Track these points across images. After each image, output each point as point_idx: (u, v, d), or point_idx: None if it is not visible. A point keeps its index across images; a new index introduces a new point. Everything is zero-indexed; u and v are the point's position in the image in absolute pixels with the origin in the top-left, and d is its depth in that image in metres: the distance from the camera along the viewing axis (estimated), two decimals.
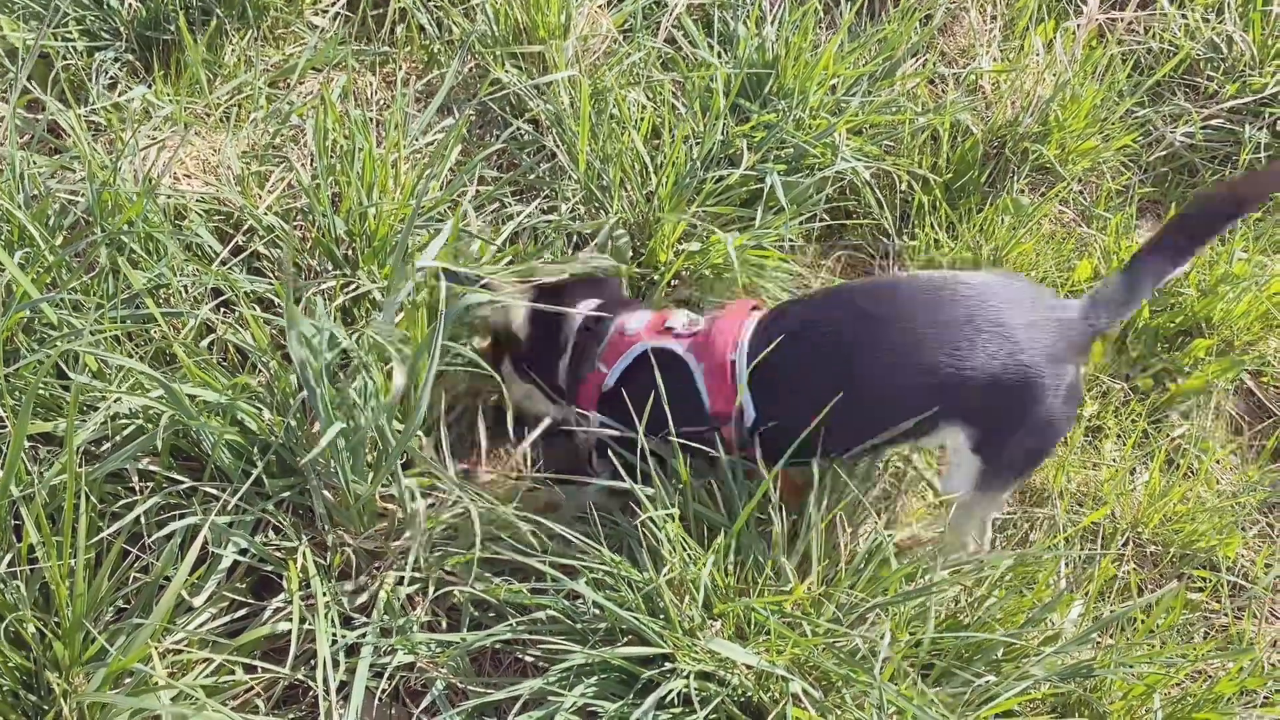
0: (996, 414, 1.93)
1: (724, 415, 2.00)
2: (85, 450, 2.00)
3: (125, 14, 2.79)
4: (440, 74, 2.83)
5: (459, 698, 1.92)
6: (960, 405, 1.91)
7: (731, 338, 2.01)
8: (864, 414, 1.95)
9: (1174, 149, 3.08)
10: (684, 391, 2.01)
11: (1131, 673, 2.00)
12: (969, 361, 1.87)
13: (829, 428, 1.91)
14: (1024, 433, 1.95)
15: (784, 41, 2.79)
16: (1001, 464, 2.00)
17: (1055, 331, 1.91)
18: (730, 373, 1.99)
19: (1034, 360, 1.88)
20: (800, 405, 1.93)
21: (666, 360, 2.05)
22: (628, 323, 2.14)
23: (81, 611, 1.73)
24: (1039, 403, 1.90)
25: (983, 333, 1.87)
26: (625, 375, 2.09)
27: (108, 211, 2.26)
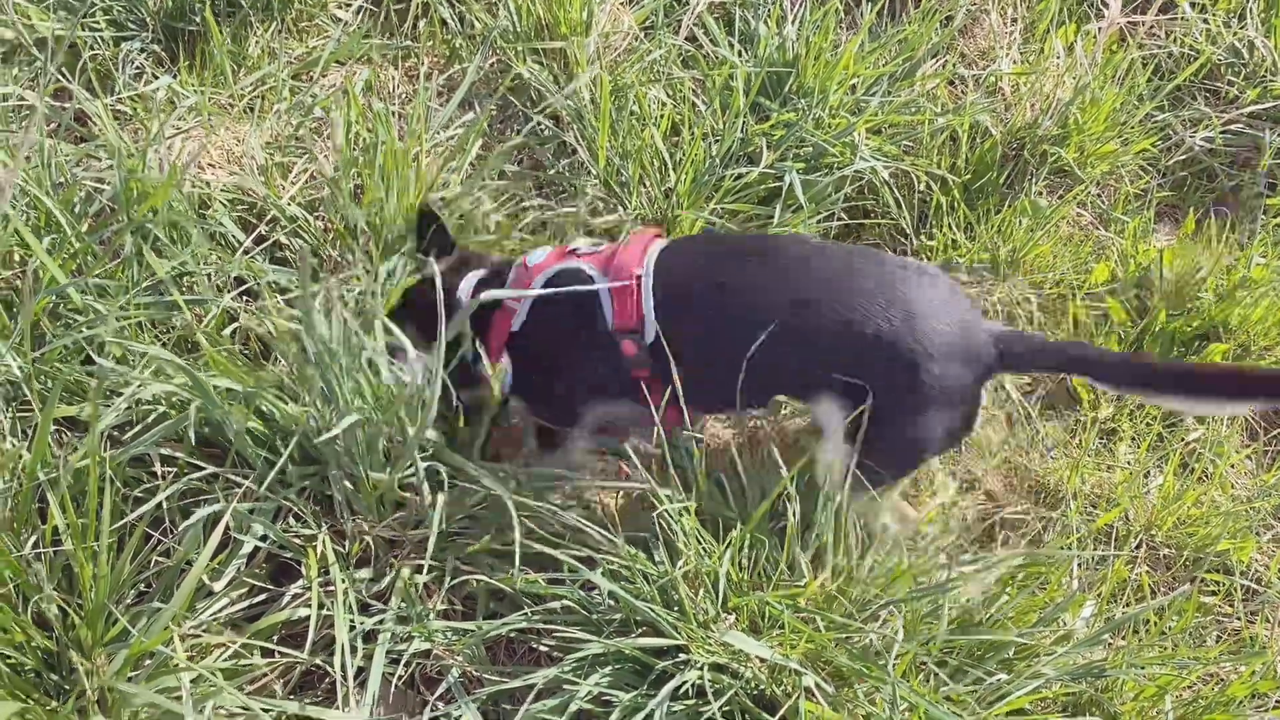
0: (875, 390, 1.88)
1: (623, 330, 2.00)
2: (109, 435, 2.02)
3: (152, 5, 2.82)
4: (462, 69, 2.84)
5: (474, 685, 1.94)
6: (844, 366, 1.89)
7: (638, 257, 2.03)
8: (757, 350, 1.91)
9: (1193, 153, 3.08)
10: (590, 310, 2.02)
11: (1143, 674, 2.00)
12: (866, 322, 1.86)
13: (719, 363, 1.94)
14: (896, 426, 1.91)
15: (804, 41, 2.80)
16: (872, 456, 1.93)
17: (961, 333, 1.88)
18: (636, 287, 2.00)
19: (925, 344, 1.85)
20: (697, 329, 1.97)
21: (577, 279, 2.05)
22: (529, 258, 2.15)
23: (104, 594, 1.76)
24: (916, 390, 1.87)
25: (889, 301, 1.86)
26: (533, 309, 2.08)
27: (133, 199, 2.29)
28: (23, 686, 1.72)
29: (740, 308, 1.95)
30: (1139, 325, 2.70)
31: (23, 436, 2.02)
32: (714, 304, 1.98)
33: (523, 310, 2.08)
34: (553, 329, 2.07)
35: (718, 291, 1.98)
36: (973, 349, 1.90)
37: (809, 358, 1.93)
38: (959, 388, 1.89)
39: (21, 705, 1.65)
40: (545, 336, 2.08)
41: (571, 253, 2.12)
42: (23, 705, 1.65)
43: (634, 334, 2.00)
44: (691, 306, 2.00)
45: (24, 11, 2.75)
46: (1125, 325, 2.72)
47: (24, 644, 1.75)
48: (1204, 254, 2.79)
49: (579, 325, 2.03)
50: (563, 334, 2.06)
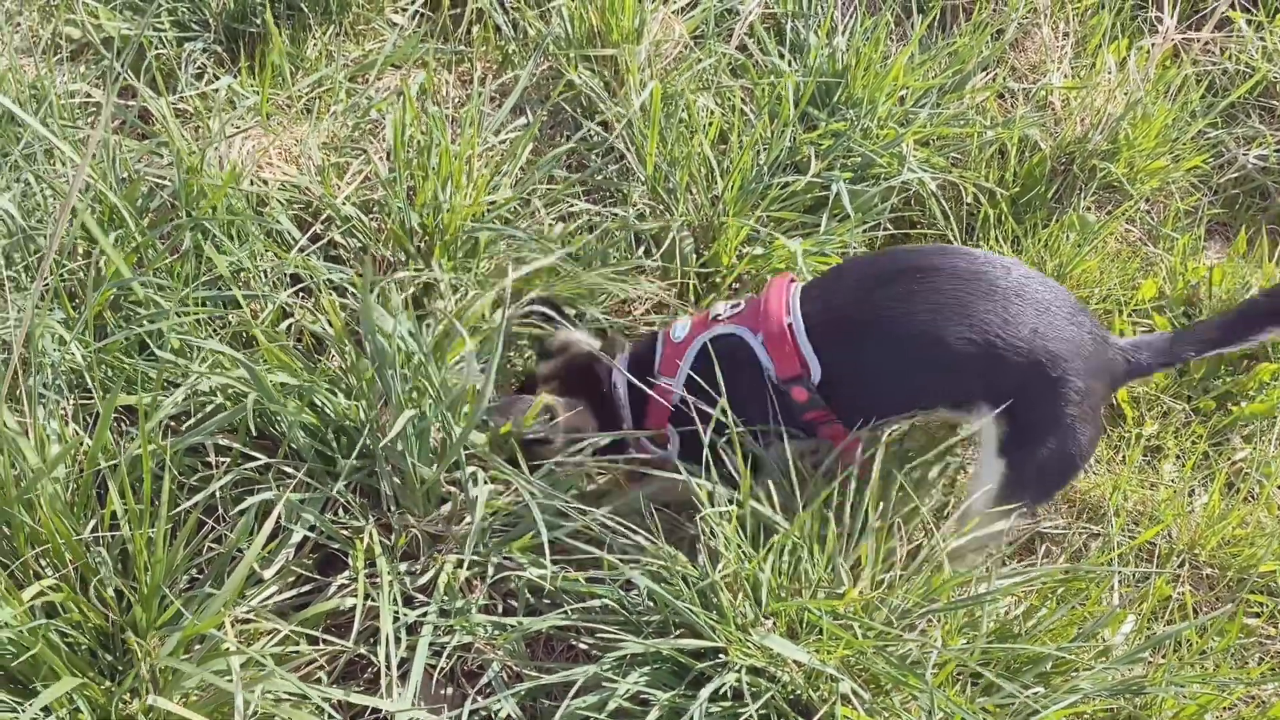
0: (1025, 402, 1.95)
1: (790, 379, 2.06)
2: (167, 425, 2.08)
3: (214, 6, 2.89)
4: (515, 74, 2.89)
5: (514, 680, 1.97)
6: (994, 382, 1.95)
7: (783, 305, 2.08)
8: (914, 369, 2.03)
9: (1246, 171, 3.05)
10: (749, 368, 2.07)
11: (1183, 692, 1.99)
12: (1013, 333, 1.91)
13: (885, 385, 2.03)
14: (1049, 439, 1.97)
15: (854, 51, 2.82)
16: (1025, 473, 2.02)
17: (1096, 347, 1.95)
18: (790, 336, 2.05)
19: (1071, 359, 1.92)
20: (858, 360, 2.04)
21: (725, 344, 2.11)
22: (673, 332, 2.20)
23: (159, 577, 1.81)
24: (1067, 405, 1.93)
25: (1029, 310, 1.92)
26: (690, 380, 2.12)
27: (193, 196, 2.35)
28: (79, 664, 1.77)
29: (887, 335, 2.02)
30: None
31: (84, 424, 2.09)
32: (863, 334, 2.05)
33: (679, 382, 2.12)
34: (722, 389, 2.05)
35: (867, 323, 2.04)
36: (1106, 362, 1.97)
37: (957, 376, 1.99)
38: (1097, 399, 1.97)
39: (79, 681, 1.70)
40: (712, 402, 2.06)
41: (713, 320, 2.17)
42: (80, 681, 1.70)
43: (799, 380, 2.05)
44: (844, 340, 2.05)
45: (92, 11, 2.84)
46: None
47: (81, 623, 1.81)
48: (1254, 273, 2.77)
49: (746, 380, 2.06)
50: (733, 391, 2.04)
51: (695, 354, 2.13)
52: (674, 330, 2.20)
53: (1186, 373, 2.67)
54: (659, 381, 2.15)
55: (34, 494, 1.79)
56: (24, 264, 2.23)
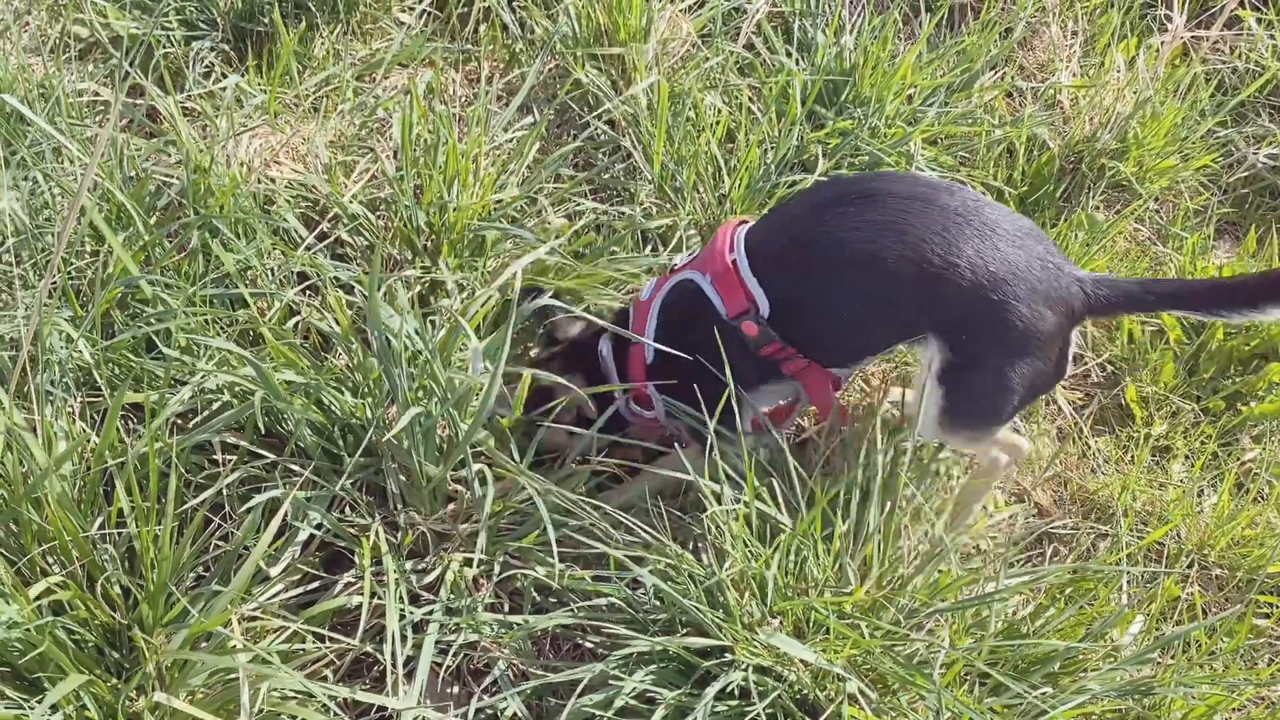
0: (966, 328, 1.91)
1: (739, 314, 2.06)
2: (174, 422, 2.08)
3: (222, 5, 2.90)
4: (521, 73, 2.89)
5: (520, 679, 1.97)
6: (936, 307, 1.92)
7: (727, 243, 2.09)
8: (859, 301, 2.01)
9: (1256, 170, 3.04)
10: (703, 310, 2.08)
11: (1192, 693, 1.98)
12: (950, 252, 1.86)
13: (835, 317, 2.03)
14: (986, 365, 1.92)
15: (862, 50, 2.81)
16: (962, 400, 1.98)
17: (1046, 273, 1.89)
18: (734, 270, 2.05)
19: (1014, 283, 1.86)
20: (804, 289, 2.03)
21: (684, 291, 2.14)
22: (641, 294, 2.26)
23: (166, 575, 1.81)
24: (1008, 330, 1.88)
25: (970, 231, 1.87)
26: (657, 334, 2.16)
27: (200, 195, 2.35)
28: (86, 661, 1.77)
29: (830, 262, 1.99)
30: (1195, 343, 2.67)
31: (92, 422, 2.09)
32: (815, 259, 2.02)
33: (649, 339, 2.16)
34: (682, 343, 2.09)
35: (808, 249, 2.02)
36: (1059, 290, 1.90)
37: (896, 302, 1.96)
38: (1048, 331, 1.90)
39: (85, 678, 1.70)
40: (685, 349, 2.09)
41: (671, 271, 2.21)
42: (86, 678, 1.70)
43: (748, 314, 2.05)
44: (788, 269, 2.04)
45: (101, 10, 2.84)
46: (1181, 342, 2.69)
47: (88, 620, 1.81)
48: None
49: (704, 325, 2.07)
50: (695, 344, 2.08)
51: (658, 306, 2.17)
52: (642, 292, 2.25)
53: (1196, 372, 2.66)
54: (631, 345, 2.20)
55: (41, 491, 1.79)
56: (32, 262, 2.23)
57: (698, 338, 2.07)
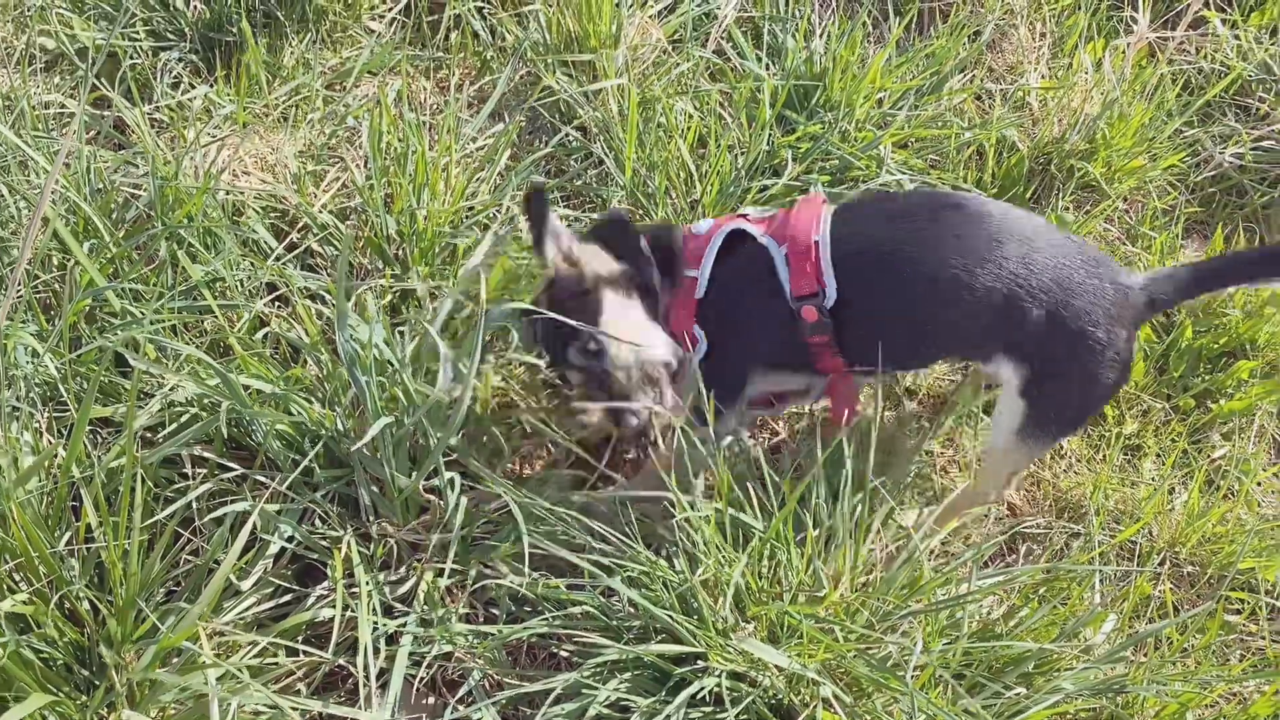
0: (1047, 353, 1.99)
1: (804, 296, 2.03)
2: (142, 436, 2.07)
3: (190, 16, 2.88)
4: (492, 80, 2.89)
5: (495, 688, 1.96)
6: (1016, 334, 1.98)
7: (814, 222, 2.05)
8: (929, 316, 2.04)
9: (1222, 169, 3.06)
10: (766, 278, 2.04)
11: (1164, 690, 1.99)
12: (1032, 284, 1.95)
13: (898, 327, 2.04)
14: (1070, 382, 2.01)
15: (832, 55, 2.82)
16: (1045, 413, 2.07)
17: (1116, 293, 1.99)
18: (815, 253, 2.02)
19: (1091, 309, 1.96)
20: (876, 293, 2.03)
21: (748, 249, 2.08)
22: (694, 227, 2.16)
23: (134, 590, 1.79)
24: (1089, 353, 1.98)
25: (1050, 260, 1.96)
26: (714, 273, 2.09)
27: (168, 206, 2.34)
28: (53, 679, 1.75)
29: (913, 272, 2.01)
30: (1165, 341, 2.69)
31: (59, 435, 2.07)
32: (888, 267, 2.03)
33: (703, 276, 2.09)
34: (733, 296, 2.07)
35: (892, 255, 2.03)
36: (1128, 306, 2.00)
37: (979, 324, 2.00)
38: (1121, 345, 2.00)
39: (51, 698, 1.68)
40: (726, 304, 2.08)
41: (741, 216, 2.14)
42: (53, 698, 1.69)
43: (813, 299, 2.03)
44: (866, 270, 2.04)
45: (66, 21, 2.82)
46: (1151, 341, 2.71)
47: (55, 638, 1.79)
48: None
49: (760, 291, 2.05)
50: (743, 301, 2.07)
51: (714, 251, 2.09)
52: (695, 225, 2.16)
53: (1166, 371, 2.68)
54: (685, 272, 2.11)
55: (7, 507, 1.78)
56: None
57: (745, 299, 2.05)
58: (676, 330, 2.11)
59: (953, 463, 2.51)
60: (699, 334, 2.10)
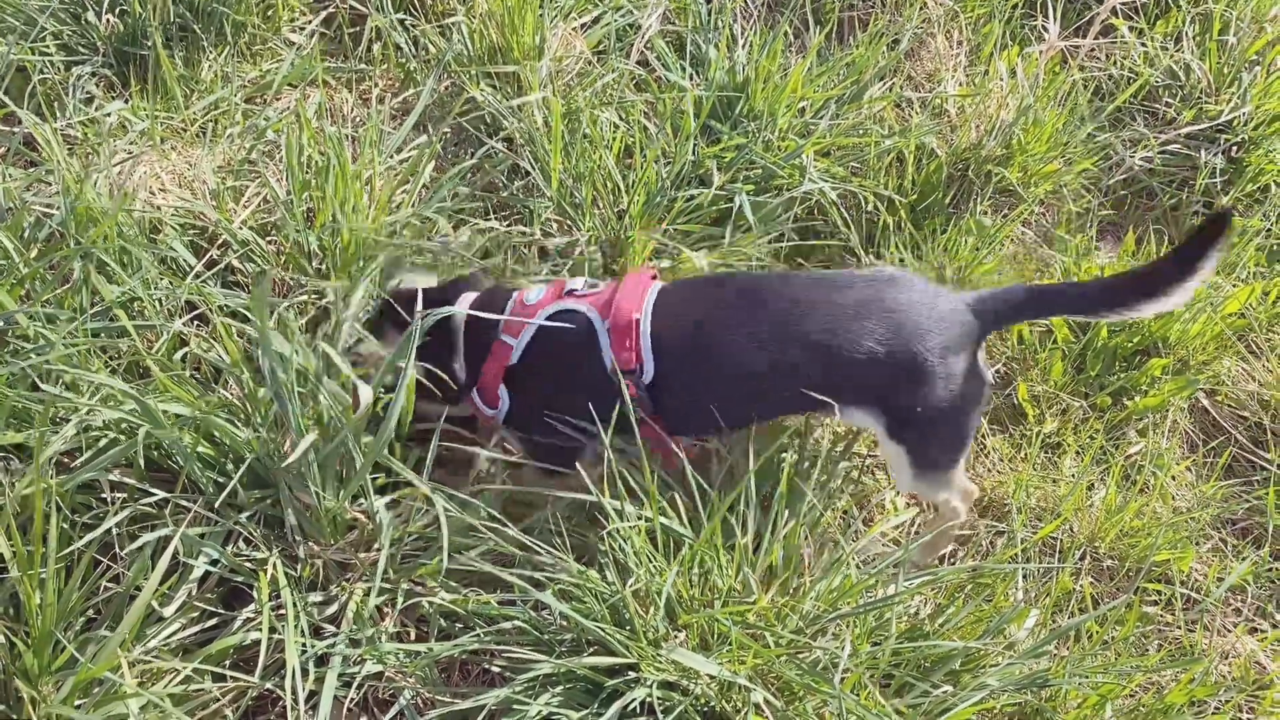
0: (893, 397, 2.05)
1: (625, 372, 2.09)
2: (57, 462, 2.02)
3: (103, 29, 2.81)
4: (416, 92, 2.87)
5: (427, 707, 1.95)
6: (855, 386, 2.05)
7: (638, 300, 2.12)
8: (755, 383, 2.09)
9: (1133, 173, 3.16)
10: (589, 351, 2.10)
11: (1086, 683, 2.05)
12: (856, 343, 2.00)
13: (722, 398, 2.10)
14: (929, 417, 2.05)
15: (754, 65, 2.85)
16: (924, 449, 2.12)
17: (943, 321, 2.03)
18: (635, 330, 2.09)
19: (920, 346, 2.00)
20: (697, 368, 2.10)
21: (576, 321, 2.14)
22: (527, 295, 2.22)
23: (51, 621, 1.75)
24: (931, 385, 2.02)
25: (870, 319, 2.01)
26: (531, 344, 2.15)
27: (82, 224, 2.28)
28: None
29: (746, 347, 2.06)
30: (1081, 341, 2.77)
31: None
32: (717, 344, 2.10)
33: (520, 345, 2.15)
34: (554, 367, 2.13)
35: (720, 331, 2.10)
36: (962, 331, 2.05)
37: (821, 386, 2.04)
38: (967, 368, 2.05)
39: None
40: (545, 374, 2.14)
41: (569, 293, 2.19)
42: None
43: (632, 374, 2.09)
44: (693, 347, 2.11)
45: None
46: (1068, 341, 2.78)
47: None
48: None
49: (581, 365, 2.10)
50: (564, 373, 2.13)
51: (542, 319, 2.15)
52: (528, 294, 2.22)
53: (1084, 370, 2.76)
54: (500, 339, 2.17)
55: None
56: None
57: (576, 374, 2.11)
58: (484, 386, 2.19)
59: (879, 464, 2.55)
60: (503, 393, 2.17)
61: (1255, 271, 3.01)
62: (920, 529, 2.45)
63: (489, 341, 2.17)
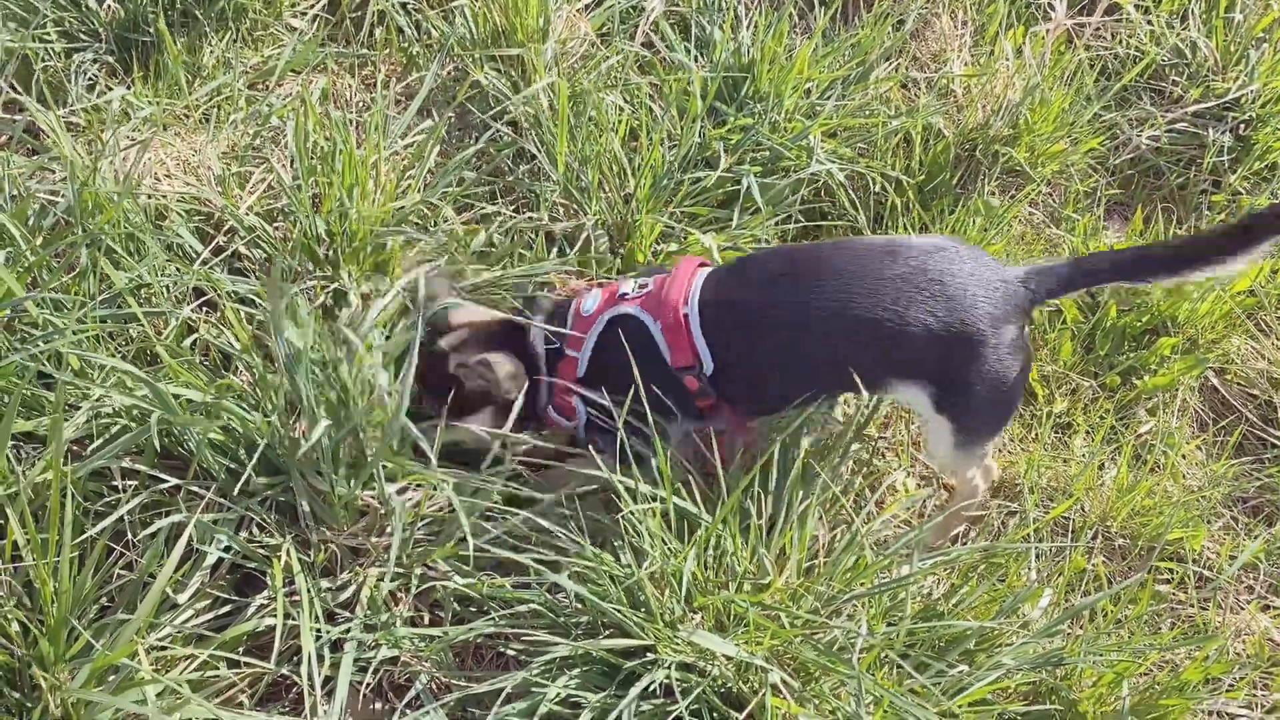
0: (944, 369, 2.04)
1: (685, 367, 2.10)
2: (69, 449, 2.01)
3: (104, 15, 2.80)
4: (420, 76, 2.85)
5: (443, 691, 1.95)
6: (905, 360, 2.04)
7: (682, 293, 2.11)
8: (807, 363, 2.10)
9: (1140, 152, 3.15)
10: (648, 352, 2.10)
11: (1100, 661, 2.05)
12: (908, 316, 1.99)
13: (779, 377, 2.11)
14: (977, 388, 2.05)
15: (759, 46, 2.83)
16: (968, 421, 2.11)
17: (995, 292, 2.03)
18: (685, 326, 2.09)
19: (972, 317, 2.00)
20: (751, 354, 2.10)
21: (628, 325, 2.14)
22: (582, 304, 2.22)
23: (66, 608, 1.74)
24: (982, 358, 2.01)
25: (921, 290, 2.00)
26: (595, 354, 2.16)
27: (88, 211, 2.27)
28: None
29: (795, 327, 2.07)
30: (1090, 321, 2.76)
31: None
32: (767, 325, 2.09)
33: (584, 357, 2.16)
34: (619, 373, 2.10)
35: (769, 313, 2.09)
36: (1012, 303, 2.04)
37: (872, 362, 2.05)
38: (1015, 341, 2.04)
39: None
40: (613, 380, 2.12)
41: (621, 297, 2.19)
42: None
43: (692, 370, 2.09)
44: (744, 331, 2.10)
45: None
46: (1077, 321, 2.77)
47: None
48: None
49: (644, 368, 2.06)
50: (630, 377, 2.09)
51: (601, 328, 2.16)
52: (584, 303, 2.22)
53: (1093, 350, 2.75)
54: (566, 353, 2.19)
55: None
56: None
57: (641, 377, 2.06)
58: (559, 404, 2.22)
59: (890, 447, 2.55)
60: (578, 405, 2.19)
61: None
62: (932, 511, 2.45)
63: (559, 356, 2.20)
